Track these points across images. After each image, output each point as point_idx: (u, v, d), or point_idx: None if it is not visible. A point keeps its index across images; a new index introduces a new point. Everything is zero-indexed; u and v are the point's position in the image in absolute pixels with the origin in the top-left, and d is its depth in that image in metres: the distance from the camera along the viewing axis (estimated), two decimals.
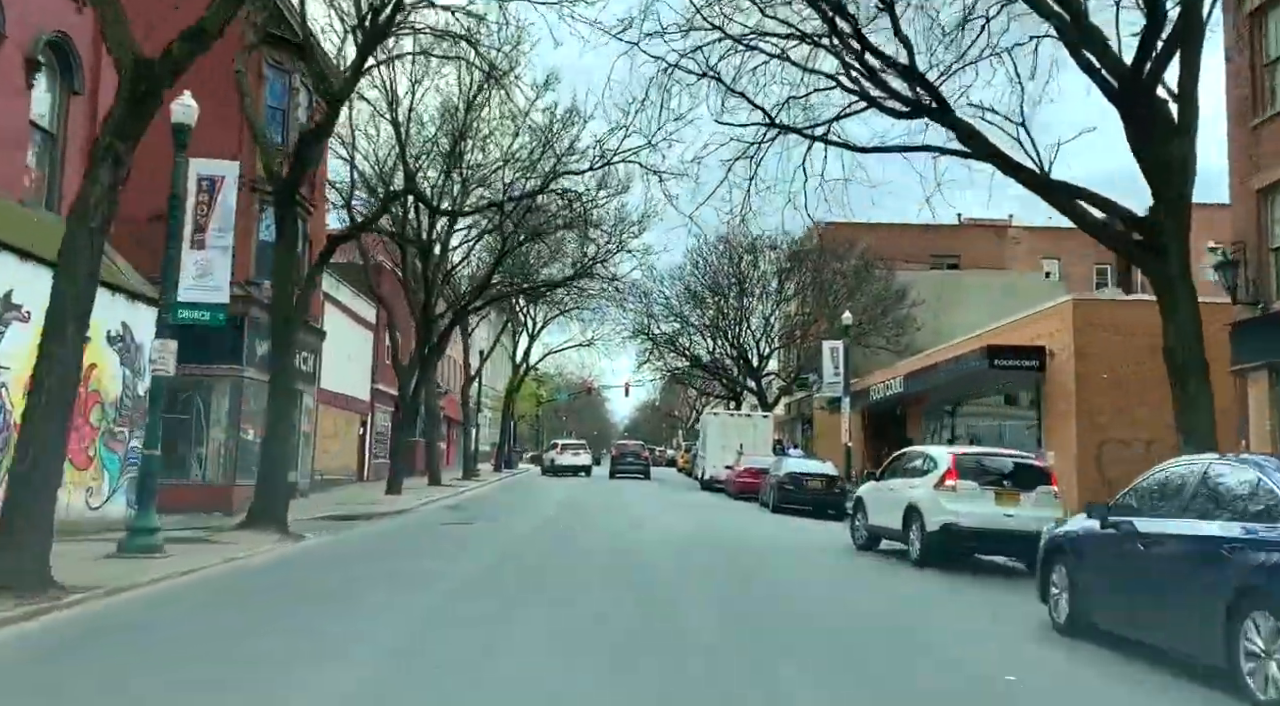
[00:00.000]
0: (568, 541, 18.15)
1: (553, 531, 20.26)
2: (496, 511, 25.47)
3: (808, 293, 49.43)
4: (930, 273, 53.69)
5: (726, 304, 49.50)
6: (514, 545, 17.12)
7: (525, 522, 22.07)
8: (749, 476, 33.29)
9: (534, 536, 18.92)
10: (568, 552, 16.27)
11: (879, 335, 48.98)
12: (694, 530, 21.36)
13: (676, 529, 21.25)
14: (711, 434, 39.21)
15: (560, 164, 26.18)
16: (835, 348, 34.39)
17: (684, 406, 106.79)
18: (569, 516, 24.54)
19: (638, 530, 20.68)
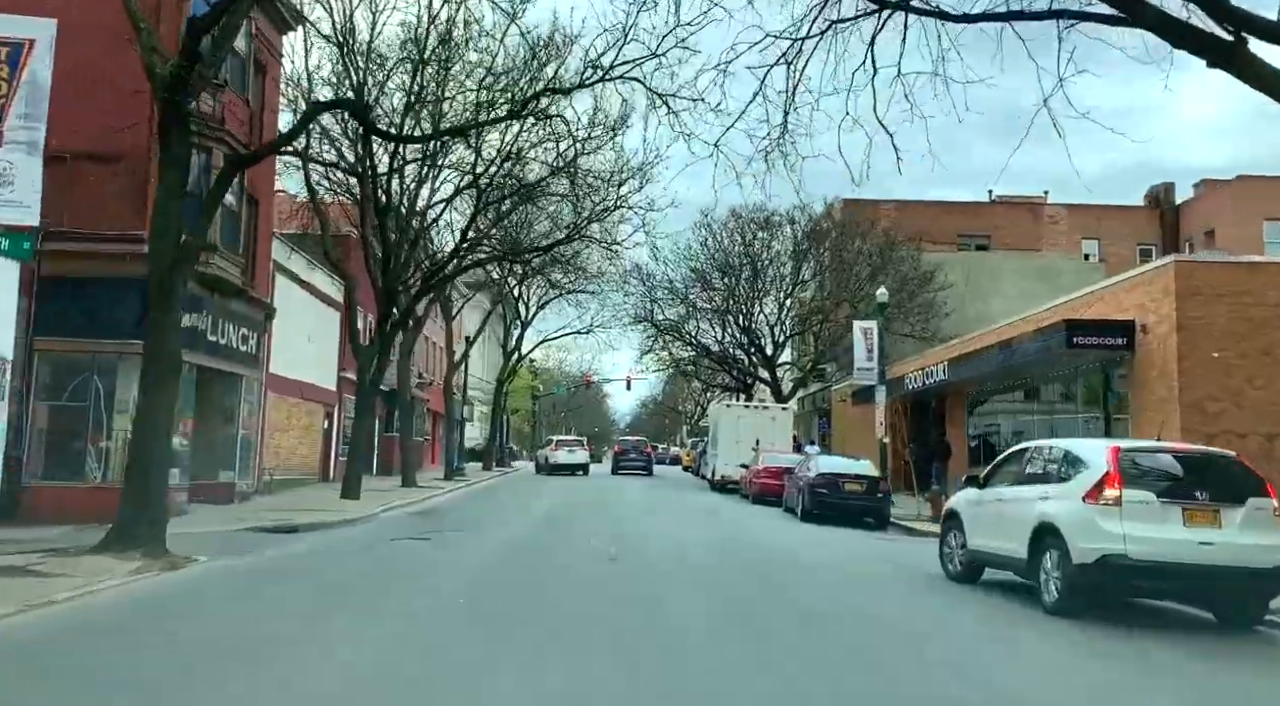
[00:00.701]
0: (550, 566, 13.58)
1: (533, 550, 15.69)
2: (468, 520, 20.91)
3: (826, 274, 44.84)
4: (958, 254, 49.16)
5: (737, 286, 44.88)
6: (474, 575, 12.55)
7: (499, 537, 17.50)
8: (769, 477, 28.72)
9: (507, 559, 14.35)
10: (549, 587, 11.69)
11: (904, 321, 44.48)
12: (715, 546, 16.80)
13: (692, 545, 16.69)
14: (723, 428, 34.68)
15: (537, 80, 21.47)
16: (868, 328, 29.83)
17: (688, 401, 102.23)
18: (557, 528, 19.98)
19: (643, 546, 16.13)
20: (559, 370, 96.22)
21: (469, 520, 20.91)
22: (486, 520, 21.16)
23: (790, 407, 35.70)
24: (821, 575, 13.65)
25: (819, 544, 18.43)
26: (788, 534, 20.41)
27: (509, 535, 17.90)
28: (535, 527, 19.75)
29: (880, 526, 22.89)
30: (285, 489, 27.71)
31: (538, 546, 16.22)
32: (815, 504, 22.97)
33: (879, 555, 16.70)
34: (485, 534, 18.10)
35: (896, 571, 14.30)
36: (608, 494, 32.22)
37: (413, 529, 18.51)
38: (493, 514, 23.10)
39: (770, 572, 13.54)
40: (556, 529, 19.59)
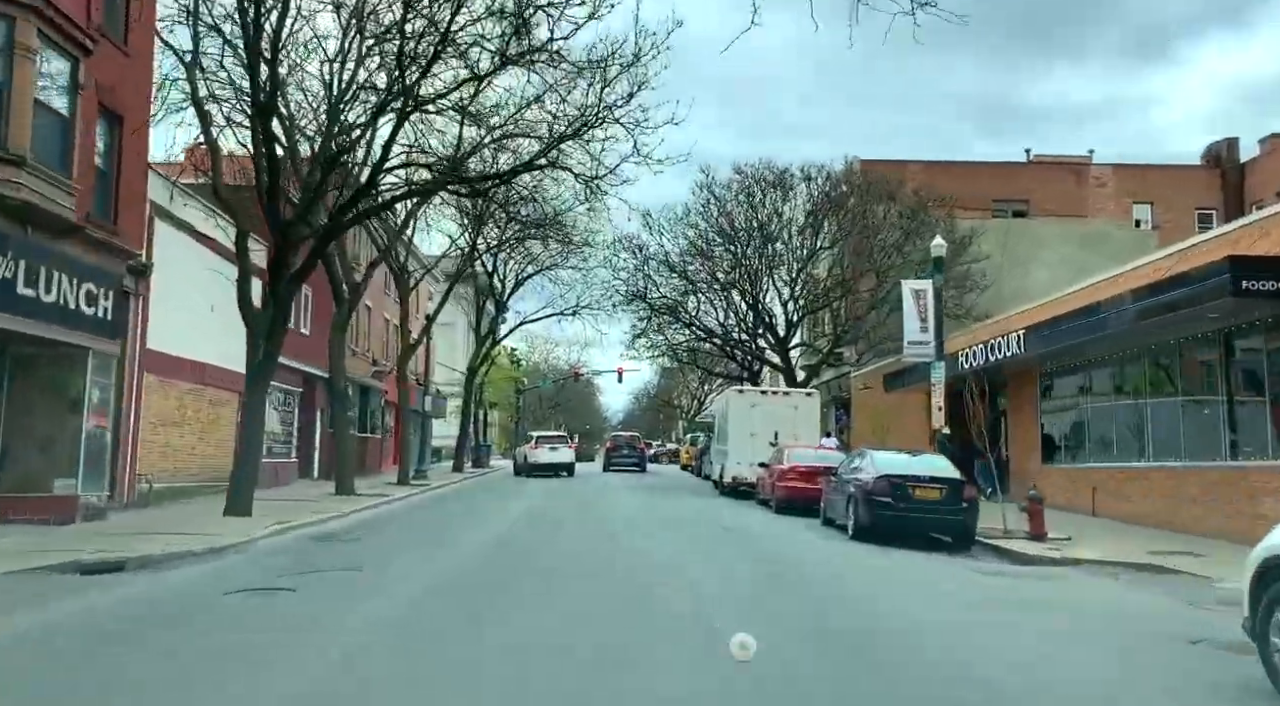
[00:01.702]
0: (470, 661, 7.27)
1: (455, 610, 9.39)
2: (382, 551, 14.61)
3: (847, 241, 38.56)
4: (992, 221, 42.97)
5: (745, 255, 38.56)
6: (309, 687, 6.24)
7: (411, 583, 11.17)
8: (799, 479, 22.49)
9: (400, 636, 8.03)
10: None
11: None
12: (762, 600, 10.51)
13: (727, 602, 10.40)
14: (735, 420, 28.40)
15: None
16: (921, 290, 23.61)
17: (683, 395, 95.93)
18: (509, 561, 13.65)
19: (645, 607, 9.82)
20: (546, 363, 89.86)
21: (383, 550, 14.59)
22: (409, 549, 14.81)
23: (816, 393, 29.52)
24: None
25: (929, 589, 12.16)
26: (855, 565, 14.14)
27: (429, 578, 11.59)
28: (477, 561, 13.42)
29: (963, 546, 16.67)
30: (174, 500, 21.38)
31: (464, 605, 9.89)
32: (874, 517, 16.71)
33: (1081, 615, 10.45)
34: (391, 575, 11.78)
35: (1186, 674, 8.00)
36: (594, 502, 25.90)
37: (285, 567, 12.18)
38: (427, 536, 16.75)
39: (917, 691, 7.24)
40: (508, 563, 13.26)
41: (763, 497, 25.57)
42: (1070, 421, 24.32)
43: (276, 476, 28.76)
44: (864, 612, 10.01)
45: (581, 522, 19.53)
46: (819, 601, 10.60)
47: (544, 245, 41.82)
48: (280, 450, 29.77)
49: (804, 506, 22.11)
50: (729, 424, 28.78)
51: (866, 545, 16.50)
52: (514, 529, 18.27)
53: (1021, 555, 15.55)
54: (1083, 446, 23.68)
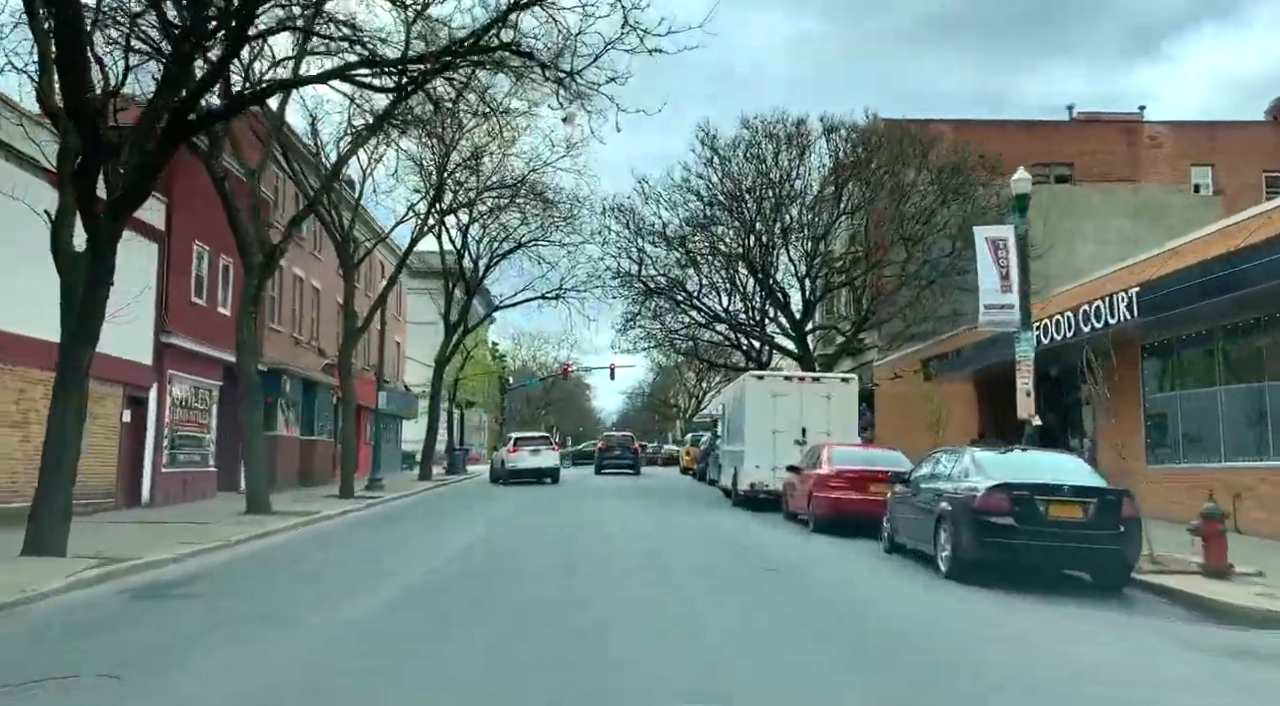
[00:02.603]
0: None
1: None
2: (224, 621, 9.07)
3: (870, 208, 33.07)
4: (1032, 188, 37.55)
5: (756, 221, 33.01)
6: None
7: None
8: (849, 488, 17.03)
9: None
10: None
11: (970, 273, 32.98)
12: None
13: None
14: (753, 413, 22.82)
15: None
16: (1000, 240, 18.15)
17: (681, 393, 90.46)
18: (394, 675, 8.04)
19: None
20: (535, 361, 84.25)
21: (211, 623, 9.00)
22: (253, 622, 9.13)
23: (854, 379, 23.92)
24: None
25: (1150, 691, 6.66)
26: (982, 635, 8.65)
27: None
28: (349, 652, 7.84)
29: (1113, 586, 11.19)
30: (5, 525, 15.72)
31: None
32: (985, 547, 11.21)
33: None
34: (162, 695, 6.23)
35: None
36: (578, 521, 20.33)
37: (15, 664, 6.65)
38: (305, 593, 11.07)
39: None
40: (390, 664, 7.65)
41: (792, 510, 20.05)
42: (1195, 408, 18.79)
43: (185, 489, 23.17)
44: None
45: (554, 557, 13.93)
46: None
47: (522, 216, 36.36)
48: (190, 457, 24.16)
49: (853, 523, 16.65)
50: (745, 418, 23.22)
51: (970, 590, 11.01)
52: (494, 533, 12.91)
53: (1220, 606, 10.06)
54: (1208, 440, 18.20)
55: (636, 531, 17.77)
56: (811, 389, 23.07)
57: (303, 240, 33.10)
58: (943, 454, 13.70)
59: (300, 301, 32.85)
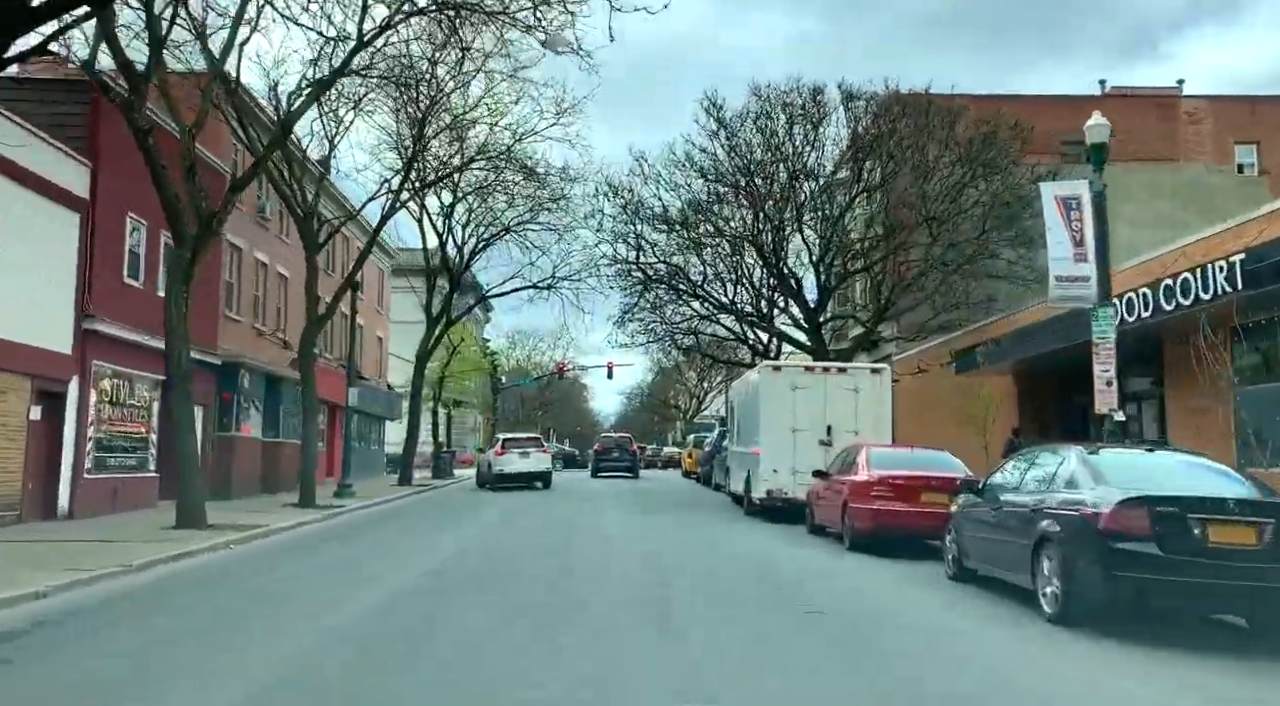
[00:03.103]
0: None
1: None
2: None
3: (891, 185, 30.05)
4: (1062, 167, 34.62)
5: (763, 201, 29.98)
6: None
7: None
8: (895, 498, 14.06)
9: None
10: None
11: (997, 257, 30.13)
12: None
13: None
14: (769, 408, 19.75)
15: None
16: (1073, 198, 15.24)
17: (681, 394, 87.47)
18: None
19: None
20: (529, 360, 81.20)
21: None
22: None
23: (887, 370, 20.80)
24: None
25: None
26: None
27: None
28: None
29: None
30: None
31: None
32: (1114, 583, 8.19)
33: None
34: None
35: None
36: (567, 538, 17.28)
37: None
38: (177, 655, 7.97)
39: None
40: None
41: (819, 522, 17.02)
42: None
43: (115, 499, 20.10)
44: None
45: (528, 599, 10.86)
46: None
47: (509, 198, 33.34)
48: (124, 462, 21.08)
49: (901, 540, 13.66)
50: (759, 415, 20.15)
51: (1096, 642, 7.98)
52: (448, 567, 9.80)
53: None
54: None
55: (637, 549, 14.76)
56: (837, 381, 20.02)
57: (266, 222, 30.07)
58: (1038, 454, 10.63)
59: (264, 289, 29.79)
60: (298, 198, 24.64)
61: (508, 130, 27.81)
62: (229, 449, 25.72)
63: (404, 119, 26.84)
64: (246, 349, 27.50)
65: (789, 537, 16.86)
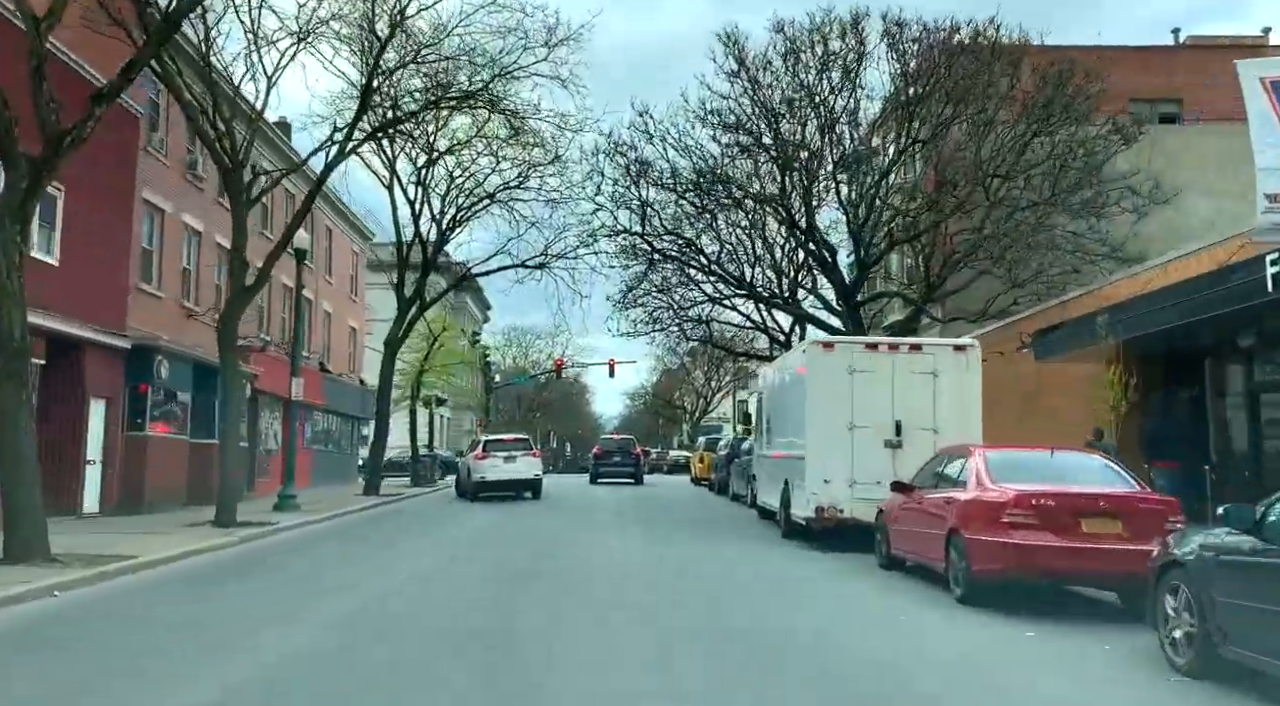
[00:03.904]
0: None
1: None
2: None
3: (943, 136, 25.24)
4: (1136, 129, 29.87)
5: (789, 153, 25.14)
6: None
7: None
8: (1041, 527, 9.17)
9: None
10: None
11: (1068, 212, 25.55)
12: None
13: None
14: (819, 398, 14.81)
15: None
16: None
17: (687, 393, 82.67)
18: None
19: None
20: (526, 357, 76.38)
21: None
22: None
23: (976, 347, 15.75)
24: None
25: None
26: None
27: None
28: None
29: None
30: None
31: None
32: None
33: None
34: None
35: None
36: (551, 576, 12.51)
37: None
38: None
39: None
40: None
41: (897, 553, 12.20)
42: None
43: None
44: None
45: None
46: None
47: (493, 159, 28.55)
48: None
49: (1042, 588, 8.85)
50: (805, 408, 15.27)
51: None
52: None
53: None
54: None
55: (644, 603, 9.95)
56: (909, 362, 15.12)
57: (201, 181, 25.29)
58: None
59: (195, 261, 25.01)
60: (224, 144, 19.77)
61: (487, 68, 22.97)
62: (140, 452, 20.93)
63: (359, 51, 22.05)
64: (167, 330, 22.72)
65: (860, 578, 12.03)
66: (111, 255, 20.48)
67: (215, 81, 19.37)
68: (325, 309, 35.91)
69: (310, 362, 33.47)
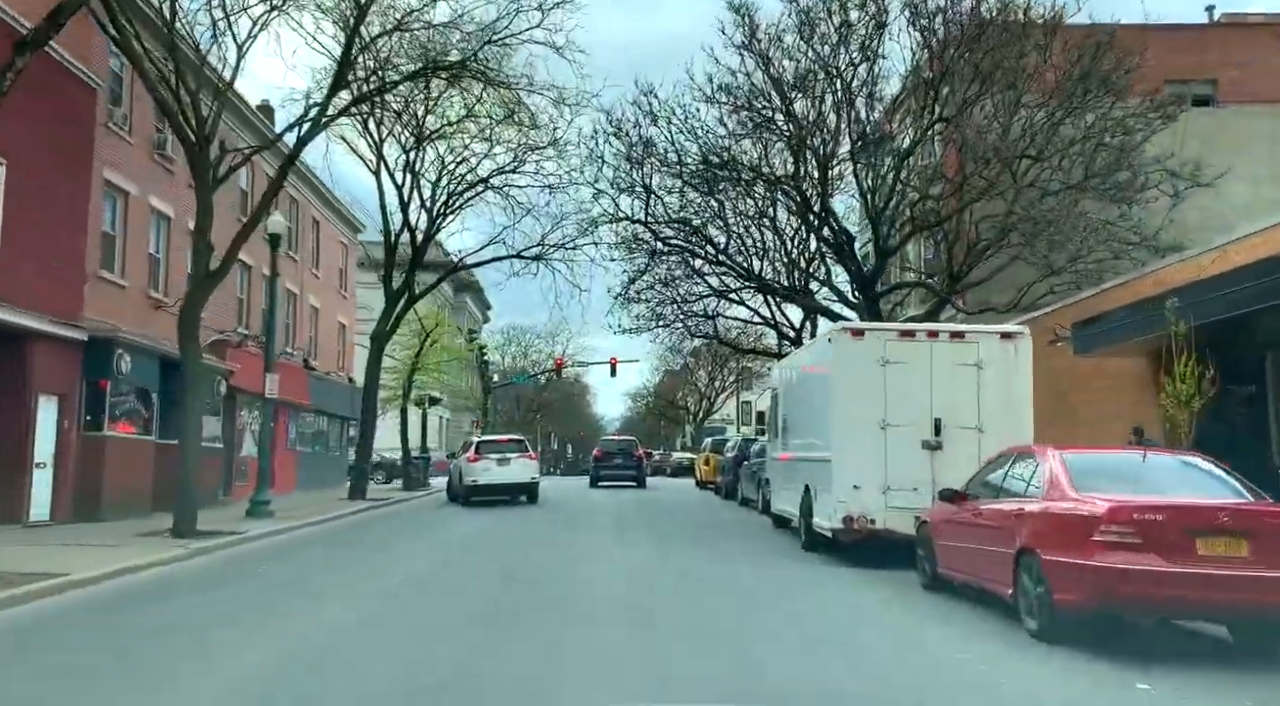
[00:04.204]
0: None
1: None
2: None
3: (964, 116, 23.40)
4: (1173, 110, 28.00)
5: (806, 133, 23.33)
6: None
7: None
8: (1144, 547, 7.34)
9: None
10: None
11: (1102, 197, 23.77)
12: None
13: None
14: (846, 391, 13.09)
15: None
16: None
17: (690, 394, 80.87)
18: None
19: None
20: (525, 357, 74.56)
21: None
22: None
23: (1025, 334, 13.96)
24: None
25: None
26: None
27: None
28: None
29: None
30: None
31: None
32: None
33: None
34: None
35: None
36: (527, 644, 10.69)
37: None
38: None
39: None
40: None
41: (948, 571, 10.40)
42: None
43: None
44: None
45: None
46: None
47: (487, 142, 26.80)
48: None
49: (1127, 621, 7.03)
50: (830, 404, 13.50)
51: None
52: None
53: None
54: None
55: (651, 651, 8.16)
56: (950, 352, 13.33)
57: (171, 163, 23.53)
58: None
59: (165, 248, 23.28)
60: (189, 118, 17.98)
61: (476, 37, 21.17)
62: (97, 453, 19.15)
63: (338, 21, 20.30)
64: (134, 322, 20.96)
65: (911, 606, 10.24)
66: (66, 239, 18.72)
67: (177, 46, 17.59)
68: (312, 303, 34.13)
69: (294, 359, 31.71)
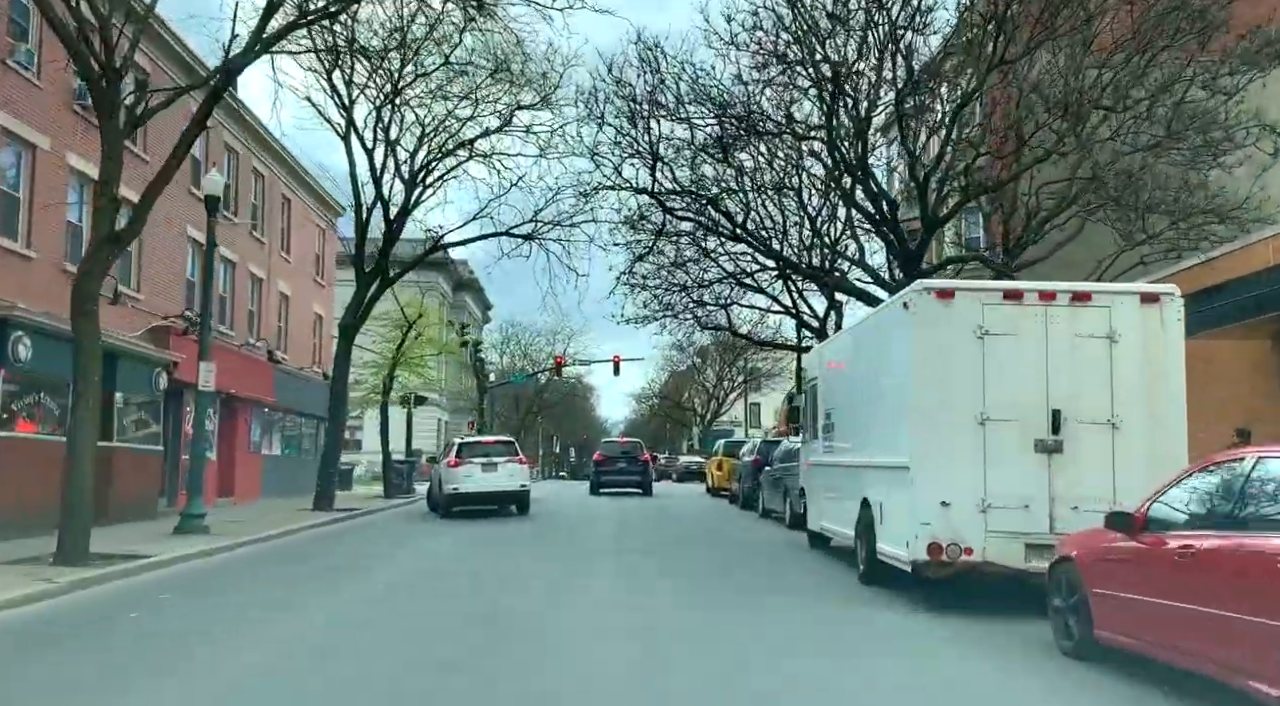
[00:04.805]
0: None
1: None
2: None
3: (1025, 62, 19.91)
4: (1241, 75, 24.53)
5: (840, 81, 19.79)
6: None
7: None
8: None
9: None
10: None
11: (1181, 158, 20.48)
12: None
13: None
14: (929, 374, 9.70)
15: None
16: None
17: (697, 393, 77.36)
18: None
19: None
20: (524, 356, 71.07)
21: None
22: None
23: (1175, 299, 10.55)
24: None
25: None
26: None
27: None
28: None
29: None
30: None
31: None
32: None
33: None
34: None
35: None
36: None
37: None
38: None
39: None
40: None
41: (1121, 635, 6.92)
42: None
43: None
44: None
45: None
46: None
47: (472, 100, 23.39)
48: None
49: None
50: (910, 390, 9.98)
51: None
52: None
53: None
54: None
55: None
56: (1071, 320, 9.79)
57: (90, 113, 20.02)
58: None
59: (87, 214, 19.77)
60: (94, 44, 14.47)
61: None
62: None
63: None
64: (44, 301, 17.49)
65: (1058, 688, 6.76)
66: None
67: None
68: (281, 290, 30.68)
69: (258, 351, 28.30)
